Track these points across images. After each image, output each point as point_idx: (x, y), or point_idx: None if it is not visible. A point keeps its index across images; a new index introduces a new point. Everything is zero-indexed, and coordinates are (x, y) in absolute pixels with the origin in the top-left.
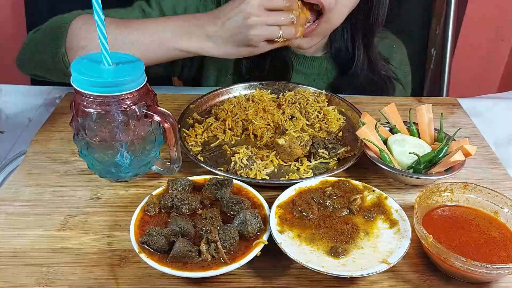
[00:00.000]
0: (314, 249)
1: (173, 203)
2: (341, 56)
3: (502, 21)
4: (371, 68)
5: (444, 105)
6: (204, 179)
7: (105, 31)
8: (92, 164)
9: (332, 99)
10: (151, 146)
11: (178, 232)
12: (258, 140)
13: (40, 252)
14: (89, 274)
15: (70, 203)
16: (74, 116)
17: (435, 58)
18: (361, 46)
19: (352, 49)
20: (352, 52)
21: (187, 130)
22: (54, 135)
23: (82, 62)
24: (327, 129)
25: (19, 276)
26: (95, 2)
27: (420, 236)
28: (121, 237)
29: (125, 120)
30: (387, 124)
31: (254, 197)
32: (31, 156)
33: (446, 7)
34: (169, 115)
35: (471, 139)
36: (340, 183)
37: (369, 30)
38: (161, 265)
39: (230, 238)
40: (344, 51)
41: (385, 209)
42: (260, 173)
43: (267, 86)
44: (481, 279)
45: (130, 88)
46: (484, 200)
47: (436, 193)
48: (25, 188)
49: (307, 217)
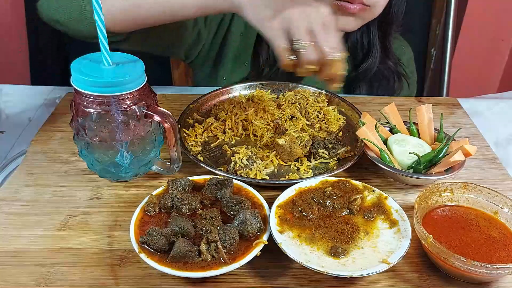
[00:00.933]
0: (314, 249)
1: (173, 203)
2: (356, 51)
3: (502, 21)
4: (384, 63)
5: (444, 105)
6: (204, 179)
7: (105, 31)
8: (92, 164)
9: (332, 99)
10: (151, 146)
11: (178, 232)
12: (258, 140)
13: (40, 252)
14: (89, 274)
15: (70, 203)
16: (74, 116)
17: (435, 58)
18: (377, 41)
19: (368, 43)
20: (368, 46)
21: (187, 130)
22: (54, 135)
23: (82, 62)
24: (327, 129)
25: (19, 276)
26: (95, 2)
27: (420, 236)
28: (121, 237)
29: (125, 120)
30: (387, 124)
31: (254, 197)
32: (31, 156)
33: (446, 7)
34: (169, 115)
35: (471, 139)
36: (340, 183)
37: (387, 24)
38: (161, 265)
39: (230, 238)
40: (359, 45)
41: (385, 209)
42: (260, 173)
43: (267, 86)
44: (481, 279)
45: (130, 88)
46: (484, 200)
47: (436, 193)
48: (25, 188)
49: (307, 217)
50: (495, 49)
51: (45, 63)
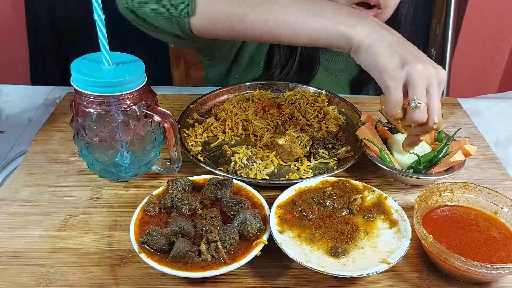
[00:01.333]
0: (314, 249)
1: (173, 203)
2: None
3: (502, 21)
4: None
5: (444, 105)
6: (204, 179)
7: (105, 31)
8: (92, 164)
9: (332, 99)
10: (151, 146)
11: (178, 232)
12: (258, 140)
13: (40, 252)
14: (89, 274)
15: (70, 203)
16: (74, 116)
17: (435, 58)
18: None
19: None
20: None
21: (187, 130)
22: (54, 135)
23: (82, 62)
24: (327, 129)
25: (19, 276)
26: (95, 2)
27: (420, 236)
28: (121, 237)
29: (125, 120)
30: (387, 124)
31: (254, 197)
32: (31, 156)
33: (446, 7)
34: (169, 115)
35: (471, 139)
36: (340, 183)
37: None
38: (161, 265)
39: (230, 238)
40: None
41: (385, 209)
42: (260, 173)
43: (267, 86)
44: (481, 279)
45: (130, 88)
46: (484, 200)
47: (436, 193)
48: (25, 188)
49: (307, 217)
50: (495, 49)
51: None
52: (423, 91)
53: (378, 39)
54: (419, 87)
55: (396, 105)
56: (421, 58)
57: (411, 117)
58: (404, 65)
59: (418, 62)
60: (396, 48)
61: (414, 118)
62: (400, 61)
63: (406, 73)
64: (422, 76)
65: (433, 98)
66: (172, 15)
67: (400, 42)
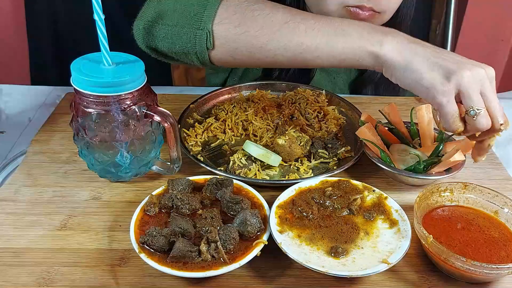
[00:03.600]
0: (314, 249)
1: (173, 203)
2: None
3: (502, 21)
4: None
5: None
6: (204, 179)
7: (105, 31)
8: (92, 164)
9: (332, 99)
10: (151, 146)
11: (178, 232)
12: (258, 140)
13: (40, 252)
14: (89, 274)
15: (70, 203)
16: (74, 116)
17: None
18: None
19: None
20: None
21: (187, 130)
22: (54, 135)
23: (82, 62)
24: (327, 129)
25: (19, 276)
26: (95, 2)
27: (420, 236)
28: (121, 237)
29: (125, 120)
30: (387, 124)
31: (254, 197)
32: (31, 156)
33: (446, 7)
34: (169, 115)
35: None
36: (340, 183)
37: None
38: (161, 265)
39: (230, 238)
40: None
41: (385, 209)
42: (259, 173)
43: (267, 86)
44: (481, 279)
45: (130, 88)
46: (484, 200)
47: (436, 193)
48: (25, 188)
49: (307, 217)
50: (495, 49)
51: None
52: (478, 96)
53: (412, 54)
54: (473, 94)
55: (454, 119)
56: (464, 63)
57: (474, 126)
58: (450, 76)
59: (463, 69)
60: (434, 60)
61: (478, 126)
62: (444, 73)
63: (454, 84)
64: (473, 81)
65: (491, 99)
66: (191, 51)
67: (436, 52)
